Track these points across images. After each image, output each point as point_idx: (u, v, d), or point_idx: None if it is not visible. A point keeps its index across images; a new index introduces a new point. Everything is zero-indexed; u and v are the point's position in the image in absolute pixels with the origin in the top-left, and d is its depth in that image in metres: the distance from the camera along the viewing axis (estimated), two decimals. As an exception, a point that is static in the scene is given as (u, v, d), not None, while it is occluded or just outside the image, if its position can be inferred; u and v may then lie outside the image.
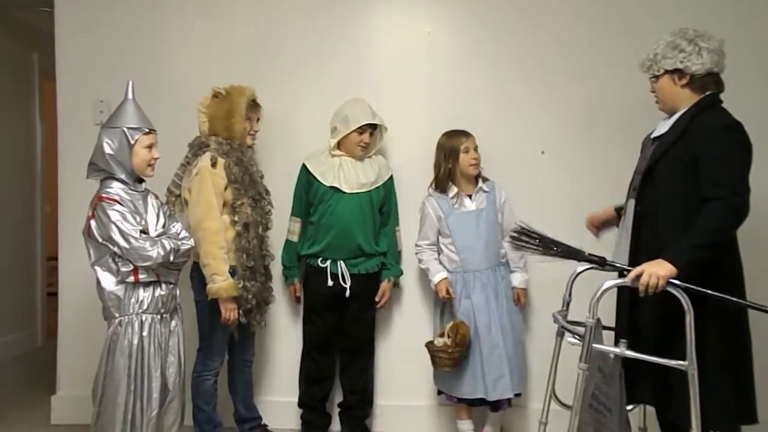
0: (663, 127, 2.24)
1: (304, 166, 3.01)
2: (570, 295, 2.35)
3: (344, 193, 2.94)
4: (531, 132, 3.17)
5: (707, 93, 2.16)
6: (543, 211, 3.08)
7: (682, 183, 2.09)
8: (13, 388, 3.88)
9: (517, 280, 2.92)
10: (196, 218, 2.64)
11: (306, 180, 3.00)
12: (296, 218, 3.04)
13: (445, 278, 2.88)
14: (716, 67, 2.15)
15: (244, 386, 2.99)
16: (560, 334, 2.35)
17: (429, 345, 2.84)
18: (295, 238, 3.04)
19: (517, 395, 2.86)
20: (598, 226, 2.52)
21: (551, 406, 2.36)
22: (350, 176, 2.95)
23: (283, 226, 3.05)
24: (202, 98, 2.82)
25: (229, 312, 2.67)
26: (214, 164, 2.66)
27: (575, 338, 2.14)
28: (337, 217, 2.93)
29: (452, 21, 3.25)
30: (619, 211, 2.40)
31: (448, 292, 2.85)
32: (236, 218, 2.70)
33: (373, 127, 2.98)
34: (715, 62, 2.15)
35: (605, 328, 2.22)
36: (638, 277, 1.99)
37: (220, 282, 2.62)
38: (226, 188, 2.69)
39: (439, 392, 2.99)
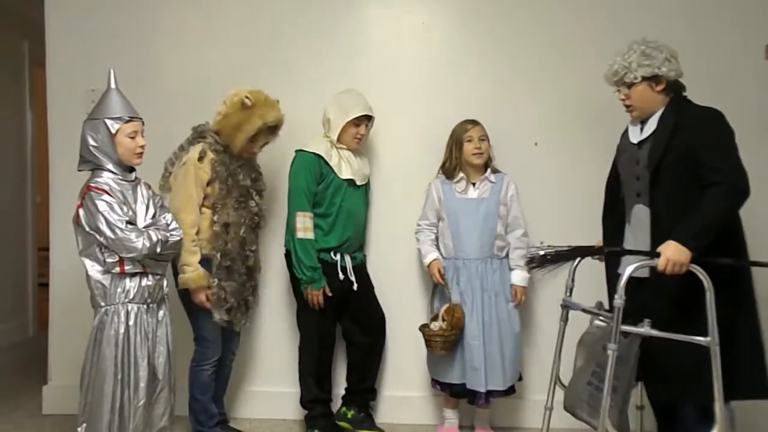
0: (646, 128, 2.30)
1: (316, 156, 2.85)
2: (573, 281, 2.39)
3: (357, 186, 2.94)
4: (525, 123, 3.16)
5: (673, 93, 2.29)
6: (536, 202, 3.10)
7: (687, 177, 2.17)
8: (5, 379, 3.87)
9: (516, 277, 2.86)
10: (174, 208, 2.65)
11: (319, 171, 2.85)
12: (308, 213, 2.83)
13: (436, 260, 2.88)
14: (680, 73, 2.31)
15: (221, 379, 2.96)
16: (564, 320, 2.41)
17: (424, 329, 2.83)
18: (312, 235, 2.83)
19: (506, 393, 2.84)
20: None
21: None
22: (356, 169, 2.94)
23: (276, 222, 3.00)
24: (235, 89, 2.73)
25: (199, 301, 2.70)
26: (201, 158, 2.67)
27: (602, 321, 2.25)
28: (355, 209, 2.93)
29: (447, 12, 3.23)
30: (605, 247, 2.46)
31: (439, 274, 2.85)
32: (215, 218, 2.70)
33: (367, 119, 2.96)
34: (680, 68, 2.30)
35: (607, 311, 2.24)
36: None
37: (190, 272, 2.66)
38: (209, 183, 2.69)
39: (433, 381, 2.97)
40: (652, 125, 2.29)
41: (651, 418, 2.49)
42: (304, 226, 2.82)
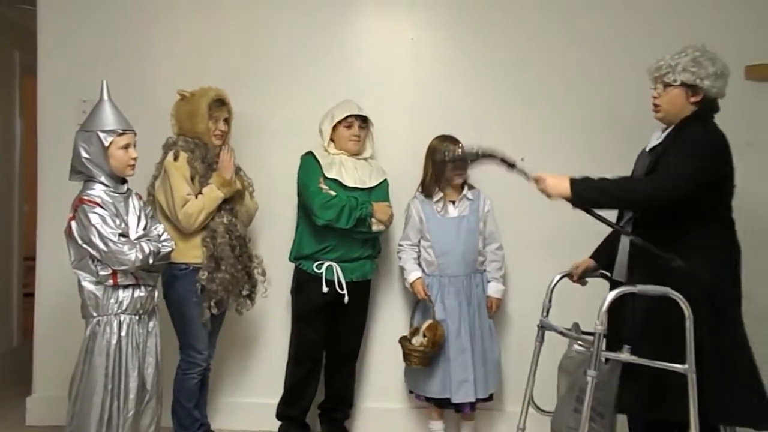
0: (654, 139, 2.29)
1: (312, 154, 2.95)
2: (550, 301, 2.38)
3: (346, 187, 2.91)
4: (513, 138, 3.19)
5: (702, 110, 2.21)
6: (522, 217, 3.13)
7: None
8: (-12, 389, 3.82)
9: (492, 289, 2.96)
10: (177, 207, 2.67)
11: (319, 166, 2.92)
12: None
13: (420, 278, 2.92)
14: (722, 94, 2.24)
15: (203, 387, 2.95)
16: (540, 340, 2.39)
17: (404, 342, 2.87)
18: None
19: (486, 400, 2.92)
20: (580, 275, 2.48)
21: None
22: (352, 173, 2.94)
23: (268, 223, 3.08)
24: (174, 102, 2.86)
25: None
26: (176, 158, 2.73)
27: (581, 346, 2.21)
28: None
29: (435, 28, 3.29)
30: (597, 258, 2.44)
31: (424, 291, 2.89)
32: None
33: (361, 121, 2.97)
34: (725, 89, 2.23)
35: (585, 333, 2.26)
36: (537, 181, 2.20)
37: (216, 189, 2.71)
38: (192, 179, 2.74)
39: (410, 391, 3.03)
40: (663, 136, 2.26)
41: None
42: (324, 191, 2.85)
